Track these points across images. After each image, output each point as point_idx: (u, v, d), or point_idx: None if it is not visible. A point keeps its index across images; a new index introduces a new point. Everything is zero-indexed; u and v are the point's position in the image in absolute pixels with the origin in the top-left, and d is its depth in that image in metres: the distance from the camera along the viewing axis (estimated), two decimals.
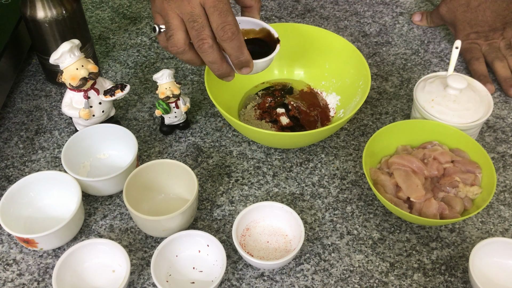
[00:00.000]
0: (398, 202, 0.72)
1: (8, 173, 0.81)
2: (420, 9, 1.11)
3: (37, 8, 0.82)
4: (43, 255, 0.71)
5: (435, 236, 0.73)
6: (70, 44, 0.73)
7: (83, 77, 0.74)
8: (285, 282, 0.69)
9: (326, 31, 0.88)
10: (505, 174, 0.81)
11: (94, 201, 0.77)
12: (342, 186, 0.79)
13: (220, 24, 0.62)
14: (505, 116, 0.89)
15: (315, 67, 0.90)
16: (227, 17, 0.63)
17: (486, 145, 0.85)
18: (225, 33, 0.63)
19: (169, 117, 0.83)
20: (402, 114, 0.90)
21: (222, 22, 0.62)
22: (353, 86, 0.85)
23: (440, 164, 0.75)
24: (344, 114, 0.85)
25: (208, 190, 0.79)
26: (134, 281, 0.69)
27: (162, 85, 0.79)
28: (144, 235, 0.74)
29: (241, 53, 0.65)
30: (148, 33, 1.04)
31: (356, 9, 1.11)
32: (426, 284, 0.69)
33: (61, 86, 0.93)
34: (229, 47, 0.64)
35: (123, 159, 0.80)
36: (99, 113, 0.80)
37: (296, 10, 1.10)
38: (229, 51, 0.65)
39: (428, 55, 1.00)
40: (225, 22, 0.62)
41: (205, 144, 0.85)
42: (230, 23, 0.63)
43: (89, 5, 1.11)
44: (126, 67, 0.97)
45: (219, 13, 0.62)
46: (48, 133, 0.86)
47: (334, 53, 0.88)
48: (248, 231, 0.72)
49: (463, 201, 0.72)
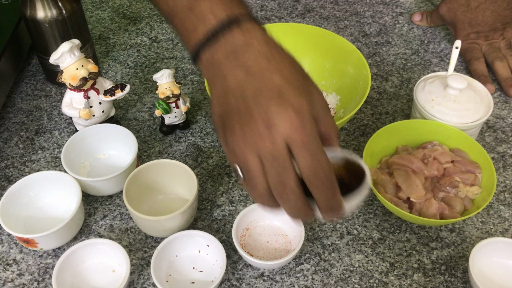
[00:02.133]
0: (398, 202, 0.72)
1: (8, 173, 0.81)
2: (420, 9, 1.11)
3: (37, 8, 0.82)
4: (43, 255, 0.71)
5: (435, 236, 0.73)
6: (70, 44, 0.73)
7: (83, 77, 0.74)
8: (285, 282, 0.69)
9: (326, 31, 0.88)
10: (505, 174, 0.81)
11: (94, 201, 0.77)
12: None
13: (311, 167, 0.50)
14: (505, 116, 0.89)
15: (315, 67, 0.90)
16: (320, 158, 0.50)
17: (486, 145, 0.85)
18: (318, 179, 0.51)
19: (169, 117, 0.83)
20: (402, 114, 0.90)
21: (313, 164, 0.50)
22: (353, 86, 0.85)
23: (440, 164, 0.75)
24: (344, 114, 0.85)
25: (208, 190, 0.79)
26: (134, 281, 0.69)
27: (162, 85, 0.79)
28: (144, 235, 0.74)
29: (333, 199, 0.52)
30: (148, 33, 1.04)
31: (356, 9, 1.11)
32: (426, 284, 0.69)
33: (61, 86, 0.93)
34: (320, 192, 0.52)
35: (123, 159, 0.80)
36: (99, 113, 0.80)
37: (296, 10, 1.10)
38: (319, 197, 0.52)
39: (428, 55, 1.00)
40: (317, 165, 0.50)
41: (205, 144, 0.85)
42: (323, 166, 0.51)
43: (89, 5, 1.11)
44: (126, 67, 0.97)
45: (311, 153, 0.50)
46: (48, 133, 0.86)
47: (334, 53, 0.88)
48: (248, 231, 0.72)
49: (463, 201, 0.72)
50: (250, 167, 0.51)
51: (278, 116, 0.50)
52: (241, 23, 0.52)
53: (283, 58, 0.53)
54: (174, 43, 1.02)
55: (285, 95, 0.51)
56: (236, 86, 0.52)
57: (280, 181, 0.51)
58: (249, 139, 0.51)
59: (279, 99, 0.50)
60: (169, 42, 1.02)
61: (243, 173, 0.53)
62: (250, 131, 0.51)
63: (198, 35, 0.53)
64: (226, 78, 0.53)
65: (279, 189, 0.51)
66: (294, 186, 0.51)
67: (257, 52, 0.52)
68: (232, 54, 0.52)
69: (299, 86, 0.52)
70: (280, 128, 0.50)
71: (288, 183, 0.51)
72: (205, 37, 0.52)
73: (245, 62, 0.52)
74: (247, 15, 0.54)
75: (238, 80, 0.52)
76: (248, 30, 0.52)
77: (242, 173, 0.53)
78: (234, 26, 0.52)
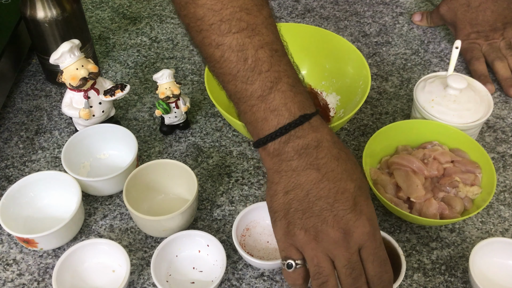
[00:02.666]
0: (398, 202, 0.72)
1: (8, 173, 0.81)
2: (420, 9, 1.11)
3: (37, 8, 0.82)
4: (43, 255, 0.71)
5: (435, 236, 0.73)
6: (70, 44, 0.73)
7: (83, 77, 0.74)
8: (285, 282, 0.69)
9: (326, 31, 0.88)
10: (505, 174, 0.81)
11: (94, 201, 0.77)
12: None
13: (379, 273, 0.56)
14: (505, 116, 0.89)
15: (315, 67, 0.90)
16: (386, 266, 0.57)
17: (486, 145, 0.85)
18: (383, 282, 0.56)
19: (169, 117, 0.83)
20: (402, 114, 0.90)
21: (381, 271, 0.56)
22: (353, 86, 0.85)
23: (440, 164, 0.75)
24: (344, 114, 0.85)
25: (208, 190, 0.79)
26: (134, 281, 0.69)
27: (162, 85, 0.79)
28: (144, 235, 0.74)
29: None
30: (148, 33, 1.04)
31: (356, 9, 1.11)
32: (426, 284, 0.69)
33: (61, 86, 0.93)
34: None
35: (123, 159, 0.80)
36: (99, 113, 0.80)
37: (296, 10, 1.10)
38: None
39: (428, 55, 1.00)
40: (383, 271, 0.56)
41: (205, 144, 0.85)
42: (388, 272, 0.57)
43: (89, 5, 1.11)
44: (126, 67, 0.97)
45: (379, 262, 0.56)
46: (48, 133, 0.86)
47: (334, 53, 0.88)
48: (248, 231, 0.72)
49: (463, 201, 0.72)
50: (325, 270, 0.55)
51: (355, 224, 0.54)
52: (311, 119, 0.55)
53: (349, 159, 0.57)
54: (174, 43, 1.02)
55: (359, 204, 0.55)
56: (311, 186, 0.55)
57: (355, 284, 0.55)
58: (324, 244, 0.55)
59: (355, 207, 0.55)
60: (169, 42, 1.02)
61: (316, 277, 0.56)
62: (327, 236, 0.55)
63: (270, 126, 0.55)
64: (297, 174, 0.55)
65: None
66: (366, 287, 0.56)
67: (327, 151, 0.56)
68: (304, 150, 0.55)
69: (367, 193, 0.57)
70: (356, 236, 0.55)
71: (362, 285, 0.55)
72: (277, 129, 0.55)
73: (318, 163, 0.55)
74: (315, 111, 0.56)
75: (312, 180, 0.55)
76: (317, 127, 0.56)
77: (297, 267, 0.57)
78: (305, 122, 0.55)
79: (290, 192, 0.56)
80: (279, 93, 0.55)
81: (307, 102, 0.56)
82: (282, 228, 0.57)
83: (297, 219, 0.56)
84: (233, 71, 0.55)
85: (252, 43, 0.54)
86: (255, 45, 0.54)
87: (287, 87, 0.55)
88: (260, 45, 0.54)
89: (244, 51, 0.54)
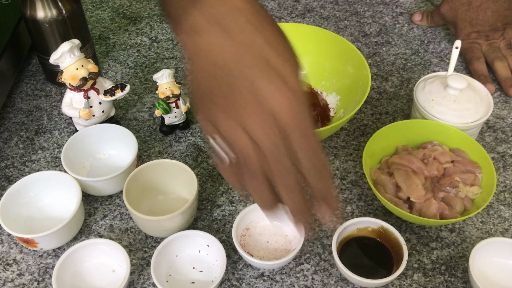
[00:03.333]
0: (398, 202, 0.72)
1: (8, 173, 0.81)
2: (420, 9, 1.11)
3: (37, 8, 0.82)
4: (43, 255, 0.71)
5: (435, 236, 0.73)
6: (70, 44, 0.73)
7: (83, 77, 0.75)
8: (285, 282, 0.69)
9: (326, 31, 0.88)
10: (505, 174, 0.81)
11: (94, 201, 0.77)
12: (342, 186, 0.79)
13: (310, 160, 0.46)
14: (505, 116, 0.89)
15: (315, 67, 0.90)
16: (318, 150, 0.46)
17: (486, 145, 0.85)
18: (316, 171, 0.47)
19: (169, 117, 0.83)
20: (402, 114, 0.90)
21: (312, 157, 0.46)
22: (353, 86, 0.85)
23: (440, 164, 0.75)
24: (344, 114, 0.85)
25: (208, 190, 0.79)
26: (134, 281, 0.69)
27: (162, 85, 0.79)
28: (144, 235, 0.74)
29: (326, 187, 0.49)
30: (148, 33, 1.04)
31: (356, 9, 1.11)
32: (426, 284, 0.69)
33: (61, 86, 0.93)
34: (312, 177, 0.48)
35: (123, 159, 0.80)
36: (99, 113, 0.80)
37: (296, 10, 1.10)
38: (312, 181, 0.48)
39: (428, 55, 1.00)
40: (314, 159, 0.47)
41: (205, 144, 0.85)
42: (320, 159, 0.47)
43: (89, 5, 1.11)
44: (126, 67, 0.97)
45: (311, 148, 0.45)
46: (48, 133, 0.86)
47: (334, 53, 0.88)
48: (248, 231, 0.72)
49: (463, 201, 0.72)
50: (241, 143, 0.45)
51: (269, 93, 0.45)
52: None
53: (260, 13, 0.48)
54: (174, 43, 1.02)
55: (272, 64, 0.45)
56: (216, 52, 0.46)
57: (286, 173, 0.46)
58: (237, 112, 0.45)
59: (267, 69, 0.45)
60: (169, 42, 1.02)
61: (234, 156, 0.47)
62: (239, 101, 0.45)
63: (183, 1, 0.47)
64: (204, 43, 0.46)
65: (285, 182, 0.47)
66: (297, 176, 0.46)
67: (244, 19, 0.46)
68: (213, 19, 0.46)
69: (285, 52, 0.47)
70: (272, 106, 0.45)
71: (292, 172, 0.46)
72: (188, 1, 0.46)
73: (223, 23, 0.46)
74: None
75: (217, 44, 0.46)
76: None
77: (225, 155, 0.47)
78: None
79: (200, 69, 0.47)
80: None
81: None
82: (199, 112, 0.49)
83: (205, 96, 0.47)
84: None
85: None
86: None
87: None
88: None
89: None
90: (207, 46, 0.46)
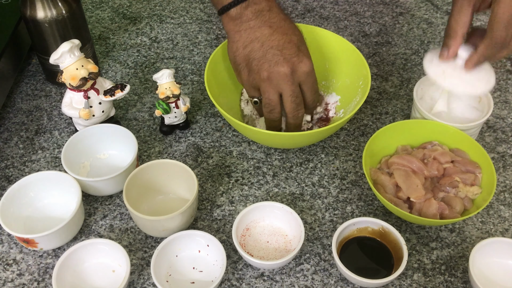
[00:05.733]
0: (398, 202, 0.72)
1: (8, 173, 0.81)
2: (420, 9, 1.11)
3: (37, 8, 0.82)
4: (43, 255, 0.71)
5: (435, 236, 0.73)
6: (70, 44, 0.73)
7: (83, 77, 0.75)
8: (285, 282, 0.69)
9: (326, 31, 0.88)
10: (505, 174, 0.81)
11: (94, 201, 0.77)
12: (342, 186, 0.79)
13: (314, 99, 0.78)
14: (505, 116, 0.89)
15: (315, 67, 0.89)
16: (318, 93, 0.79)
17: (486, 145, 0.85)
18: (314, 102, 0.79)
19: (169, 117, 0.83)
20: (402, 114, 0.90)
21: (314, 97, 0.78)
22: (353, 86, 0.85)
23: (440, 164, 0.75)
24: (344, 114, 0.85)
25: (208, 190, 0.79)
26: (134, 281, 0.69)
27: (162, 85, 0.79)
28: (144, 235, 0.74)
29: (314, 105, 0.80)
30: (148, 33, 1.04)
31: (356, 9, 1.11)
32: (426, 284, 0.69)
33: (61, 86, 0.93)
34: (311, 111, 0.82)
35: (123, 159, 0.80)
36: (99, 113, 0.80)
37: (296, 10, 1.10)
38: (309, 112, 0.82)
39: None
40: (316, 96, 0.78)
41: (205, 144, 0.85)
42: (318, 96, 0.79)
43: (89, 5, 1.11)
44: (126, 67, 0.97)
45: (315, 92, 0.77)
46: (48, 133, 0.86)
47: (334, 53, 0.88)
48: (248, 231, 0.72)
49: (463, 201, 0.72)
50: (272, 100, 0.75)
51: (299, 65, 0.73)
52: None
53: (291, 22, 0.76)
54: (174, 43, 1.02)
55: (301, 51, 0.73)
56: (265, 39, 0.72)
57: (297, 109, 0.76)
58: (274, 82, 0.73)
59: (298, 53, 0.73)
60: (169, 42, 1.02)
61: (266, 106, 0.76)
62: (278, 74, 0.72)
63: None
64: (254, 31, 0.73)
65: (295, 114, 0.76)
66: (303, 111, 0.77)
67: (277, 14, 0.74)
68: (259, 13, 0.72)
69: (306, 45, 0.76)
70: (299, 73, 0.73)
71: (301, 109, 0.76)
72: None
73: (270, 21, 0.73)
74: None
75: (266, 34, 0.72)
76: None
77: (258, 102, 0.77)
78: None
79: (248, 46, 0.73)
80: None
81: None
82: (245, 74, 0.75)
83: (254, 66, 0.73)
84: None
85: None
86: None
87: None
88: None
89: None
90: (251, 30, 0.73)
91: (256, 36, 0.72)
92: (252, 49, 0.73)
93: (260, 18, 0.72)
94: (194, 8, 1.10)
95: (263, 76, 0.72)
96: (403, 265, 0.65)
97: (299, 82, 0.74)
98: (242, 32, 0.73)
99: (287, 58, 0.72)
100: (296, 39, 0.74)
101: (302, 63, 0.73)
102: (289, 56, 0.72)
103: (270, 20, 0.73)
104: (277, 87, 0.73)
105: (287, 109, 0.75)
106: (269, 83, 0.73)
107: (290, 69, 0.72)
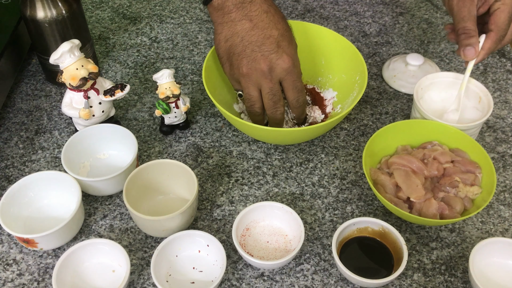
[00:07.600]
0: (398, 202, 0.72)
1: (8, 173, 0.81)
2: (420, 9, 1.11)
3: (37, 8, 0.82)
4: (43, 255, 0.71)
5: (435, 236, 0.73)
6: (70, 44, 0.73)
7: (83, 77, 0.75)
8: (285, 282, 0.69)
9: (319, 27, 0.88)
10: (505, 174, 0.81)
11: (94, 201, 0.77)
12: (342, 186, 0.79)
13: (296, 97, 0.77)
14: (505, 116, 0.89)
15: (310, 63, 0.90)
16: (302, 92, 0.77)
17: (486, 145, 0.85)
18: (298, 103, 0.78)
19: (169, 117, 0.83)
20: (402, 114, 0.90)
21: (298, 96, 0.77)
22: (350, 81, 0.84)
23: (440, 164, 0.75)
24: (341, 109, 0.85)
25: (208, 190, 0.79)
26: (134, 281, 0.69)
27: (162, 85, 0.79)
28: (144, 235, 0.74)
29: (302, 113, 0.81)
30: (148, 33, 1.04)
31: (356, 9, 1.11)
32: (426, 284, 0.69)
33: (61, 86, 0.93)
34: (297, 111, 0.80)
35: (123, 159, 0.80)
36: (99, 113, 0.80)
37: (296, 10, 1.10)
38: (296, 112, 0.80)
39: (428, 55, 1.00)
40: (299, 96, 0.77)
41: (205, 144, 0.85)
42: (303, 96, 0.78)
43: (89, 5, 1.11)
44: (126, 67, 0.97)
45: (297, 90, 0.76)
46: (48, 133, 0.86)
47: (328, 48, 0.88)
48: (248, 231, 0.72)
49: (463, 201, 0.72)
50: (252, 96, 0.76)
51: (277, 62, 0.72)
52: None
53: (276, 13, 0.75)
54: (174, 43, 1.02)
55: (281, 46, 0.73)
56: (245, 34, 0.72)
57: (275, 107, 0.76)
58: (253, 78, 0.73)
59: (277, 49, 0.72)
60: (169, 42, 1.02)
61: (247, 100, 0.76)
62: (255, 70, 0.73)
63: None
64: (235, 24, 0.73)
65: (274, 111, 0.76)
66: (282, 108, 0.77)
67: (259, 6, 0.73)
68: (240, 5, 0.72)
69: (289, 38, 0.75)
70: (278, 70, 0.73)
71: (279, 107, 0.76)
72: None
73: (251, 15, 0.72)
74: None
75: (245, 29, 0.73)
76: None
77: (242, 95, 0.78)
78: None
79: (229, 40, 0.74)
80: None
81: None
82: (227, 68, 0.76)
83: (235, 61, 0.74)
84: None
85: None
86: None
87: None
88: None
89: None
90: (232, 23, 0.73)
91: (236, 30, 0.73)
92: (232, 44, 0.73)
93: (241, 11, 0.72)
94: (194, 8, 1.10)
95: (242, 72, 0.73)
96: (403, 265, 0.65)
97: (279, 79, 0.74)
98: (224, 24, 0.74)
99: (265, 55, 0.72)
100: (277, 34, 0.73)
101: (280, 59, 0.72)
102: (267, 52, 0.72)
103: (250, 13, 0.72)
104: (256, 83, 0.74)
105: (265, 106, 0.76)
106: (249, 79, 0.74)
107: (268, 67, 0.72)
